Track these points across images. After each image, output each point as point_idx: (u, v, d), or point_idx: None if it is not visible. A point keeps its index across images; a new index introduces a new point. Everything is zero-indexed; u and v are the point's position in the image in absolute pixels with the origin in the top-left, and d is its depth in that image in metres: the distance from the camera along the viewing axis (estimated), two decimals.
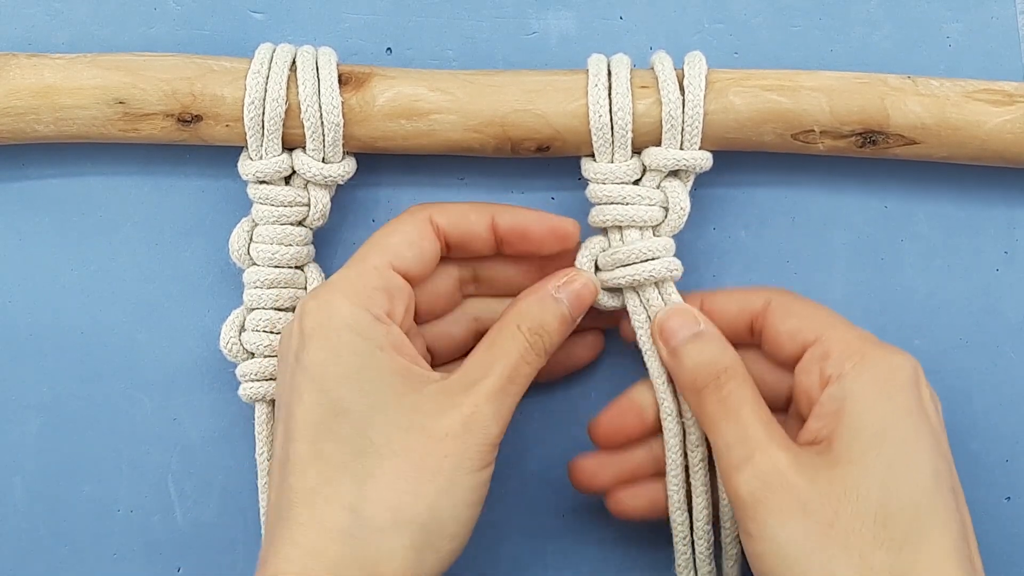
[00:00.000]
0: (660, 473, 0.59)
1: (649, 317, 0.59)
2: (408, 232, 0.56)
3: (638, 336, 0.59)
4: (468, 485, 0.53)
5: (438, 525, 0.52)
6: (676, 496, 0.59)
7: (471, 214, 0.58)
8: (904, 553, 0.51)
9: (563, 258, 0.59)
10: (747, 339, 0.59)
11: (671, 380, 0.58)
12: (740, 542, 0.59)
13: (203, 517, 0.62)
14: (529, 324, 0.56)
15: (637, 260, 0.58)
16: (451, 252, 0.58)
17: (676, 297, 0.59)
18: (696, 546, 0.59)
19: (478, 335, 0.59)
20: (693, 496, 0.59)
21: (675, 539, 0.59)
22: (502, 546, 0.63)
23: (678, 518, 0.59)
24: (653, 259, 0.58)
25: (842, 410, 0.53)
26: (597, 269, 0.59)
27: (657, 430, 0.59)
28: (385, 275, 0.55)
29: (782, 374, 0.58)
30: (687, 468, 0.59)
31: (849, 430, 0.53)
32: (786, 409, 0.59)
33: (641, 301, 0.59)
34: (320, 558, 0.50)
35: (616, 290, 0.59)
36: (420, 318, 0.59)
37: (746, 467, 0.53)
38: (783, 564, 0.51)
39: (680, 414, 0.59)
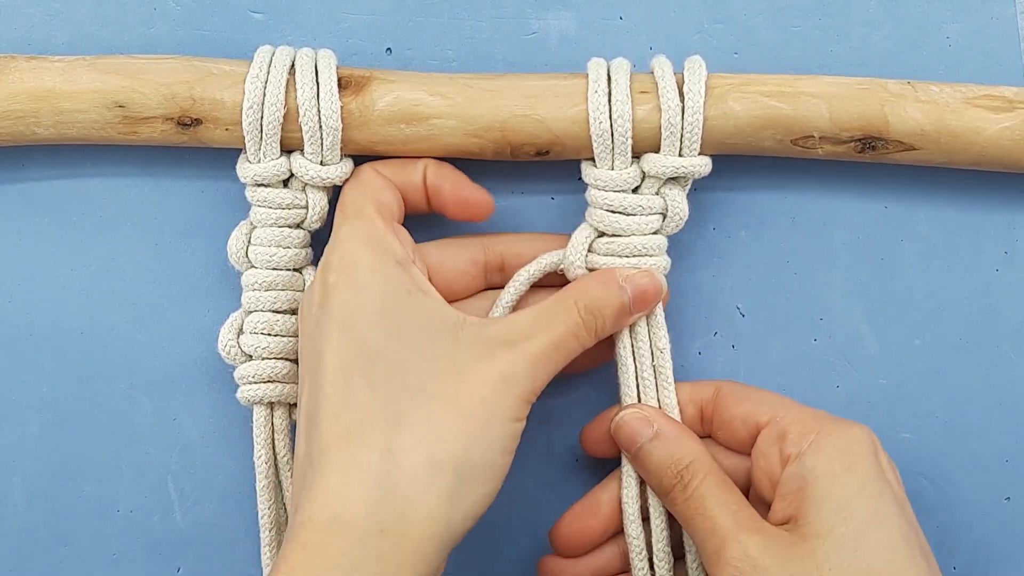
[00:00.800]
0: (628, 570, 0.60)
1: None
2: (374, 179, 0.57)
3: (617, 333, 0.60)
4: (501, 433, 0.53)
5: (471, 468, 0.52)
6: (630, 509, 0.59)
7: (408, 165, 0.59)
8: None
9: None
10: (698, 430, 0.59)
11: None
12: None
13: (203, 517, 0.63)
14: (587, 302, 0.56)
15: (630, 254, 0.59)
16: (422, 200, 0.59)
17: (659, 314, 0.60)
18: (656, 567, 0.59)
19: (488, 271, 0.60)
20: (652, 514, 0.59)
21: (631, 553, 0.59)
22: (502, 546, 0.63)
23: (633, 531, 0.59)
24: (647, 256, 0.59)
25: (805, 487, 0.54)
26: (590, 250, 0.59)
27: (620, 527, 0.60)
28: (388, 222, 0.56)
29: (738, 459, 0.59)
30: (652, 563, 0.60)
31: (814, 506, 0.53)
32: (747, 492, 0.59)
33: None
34: (353, 501, 0.50)
35: None
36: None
37: (720, 559, 0.53)
38: None
39: (645, 516, 0.59)
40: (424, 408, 0.52)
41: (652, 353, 0.59)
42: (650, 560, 0.59)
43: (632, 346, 0.59)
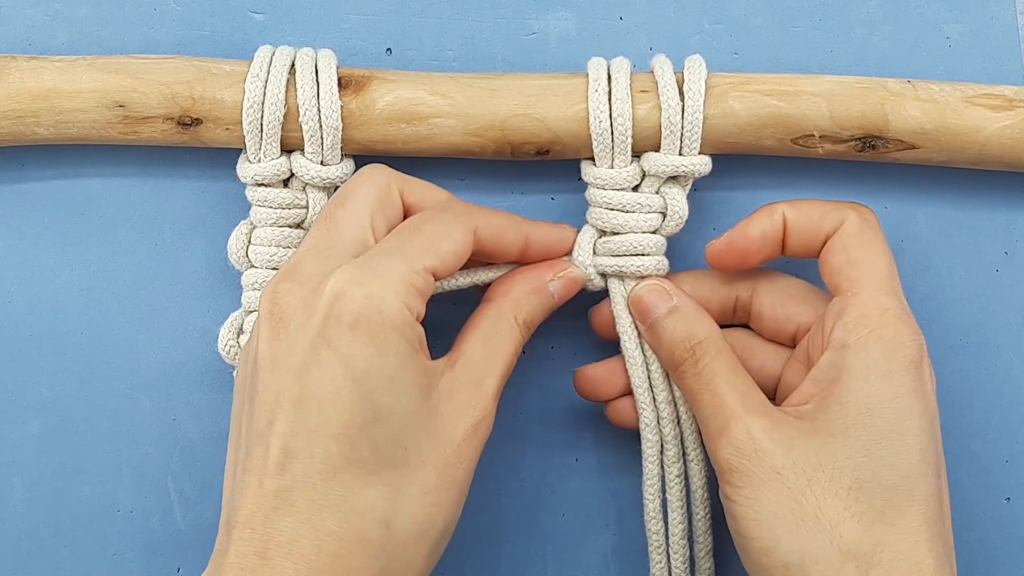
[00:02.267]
0: None
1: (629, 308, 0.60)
2: (457, 242, 0.54)
3: (617, 323, 0.60)
4: (467, 488, 0.53)
5: (449, 530, 0.52)
6: (651, 505, 0.59)
7: (509, 232, 0.57)
8: (875, 527, 0.51)
9: None
10: (816, 254, 0.59)
11: (651, 380, 0.59)
12: (713, 556, 0.60)
13: (203, 517, 0.63)
14: (525, 317, 0.56)
15: (628, 253, 0.59)
16: (477, 257, 0.57)
17: None
18: (671, 559, 0.60)
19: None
20: (668, 509, 0.60)
21: (650, 548, 0.59)
22: (502, 546, 0.63)
23: (653, 527, 0.59)
24: (643, 255, 0.59)
25: (837, 382, 0.54)
26: (594, 252, 0.59)
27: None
28: (428, 280, 0.52)
29: (771, 351, 0.60)
30: (663, 479, 0.60)
31: (838, 403, 0.53)
32: (793, 345, 0.59)
33: (624, 291, 0.59)
34: (349, 570, 0.49)
35: (604, 275, 0.60)
36: None
37: (722, 437, 0.53)
38: (756, 528, 0.52)
39: (658, 423, 0.59)
40: (419, 476, 0.51)
41: None
42: (661, 478, 0.60)
43: (640, 346, 0.59)
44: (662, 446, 0.59)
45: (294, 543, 0.48)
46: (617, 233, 0.59)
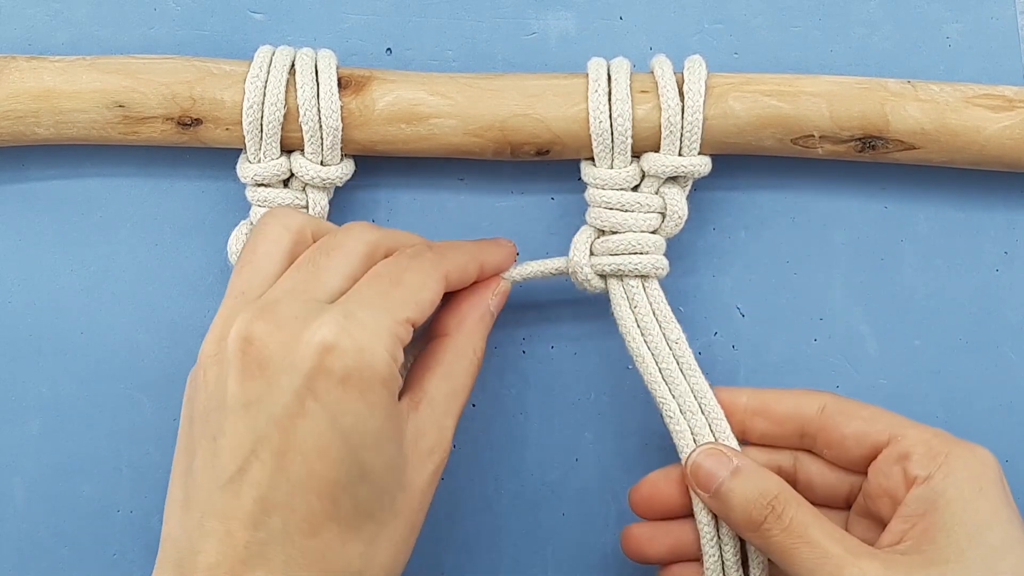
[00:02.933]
0: None
1: (631, 308, 0.59)
2: (433, 291, 0.53)
3: (619, 325, 0.59)
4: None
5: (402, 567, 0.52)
6: None
7: (469, 268, 0.56)
8: None
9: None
10: (796, 444, 0.58)
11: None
12: None
13: None
14: (475, 346, 0.56)
15: (626, 251, 0.59)
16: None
17: (664, 307, 0.59)
18: None
19: None
20: None
21: None
22: (502, 546, 0.63)
23: None
24: (642, 253, 0.59)
25: (934, 511, 0.52)
26: (592, 253, 0.59)
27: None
28: (408, 331, 0.51)
29: (841, 476, 0.57)
30: (723, 563, 0.58)
31: (944, 530, 0.52)
32: (847, 507, 0.58)
33: (624, 292, 0.59)
34: None
35: (603, 276, 0.60)
36: None
37: None
38: None
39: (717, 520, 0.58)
40: (392, 528, 0.51)
41: (669, 347, 0.59)
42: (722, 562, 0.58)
43: (647, 344, 0.59)
44: (717, 524, 0.57)
45: None
46: (616, 232, 0.59)
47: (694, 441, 0.58)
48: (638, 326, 0.59)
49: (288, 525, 0.48)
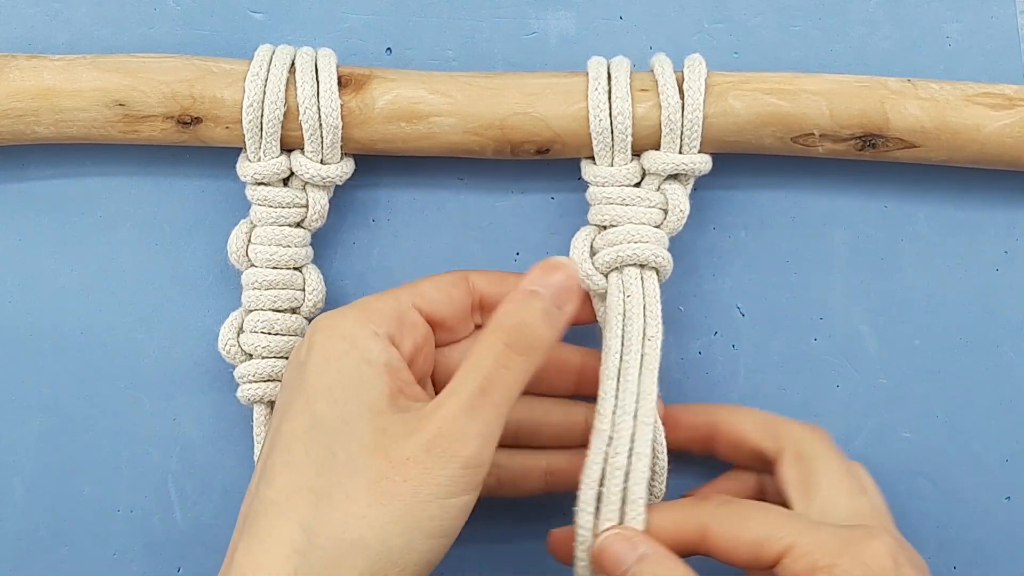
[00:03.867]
0: None
1: (623, 298, 0.58)
2: (440, 279, 0.56)
3: (607, 313, 0.58)
4: (429, 514, 0.49)
5: (388, 554, 0.49)
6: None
7: (509, 277, 0.57)
8: None
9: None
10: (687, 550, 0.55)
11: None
12: None
13: (203, 517, 0.63)
14: (506, 325, 0.52)
15: (626, 240, 0.58)
16: (487, 309, 0.57)
17: (655, 304, 0.58)
18: None
19: None
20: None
21: None
22: (502, 547, 0.63)
23: None
24: (642, 242, 0.58)
25: None
26: (593, 252, 0.59)
27: None
28: (403, 307, 0.53)
29: None
30: None
31: None
32: None
33: (621, 283, 0.58)
34: (272, 572, 0.49)
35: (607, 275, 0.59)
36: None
37: None
38: None
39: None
40: (348, 485, 0.49)
41: (642, 342, 0.58)
42: None
43: (622, 337, 0.58)
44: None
45: (235, 548, 0.51)
46: (617, 225, 0.59)
47: (605, 449, 0.55)
48: (623, 316, 0.58)
49: (262, 481, 0.51)
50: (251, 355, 0.59)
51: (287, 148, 0.59)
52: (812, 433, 0.58)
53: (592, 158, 0.59)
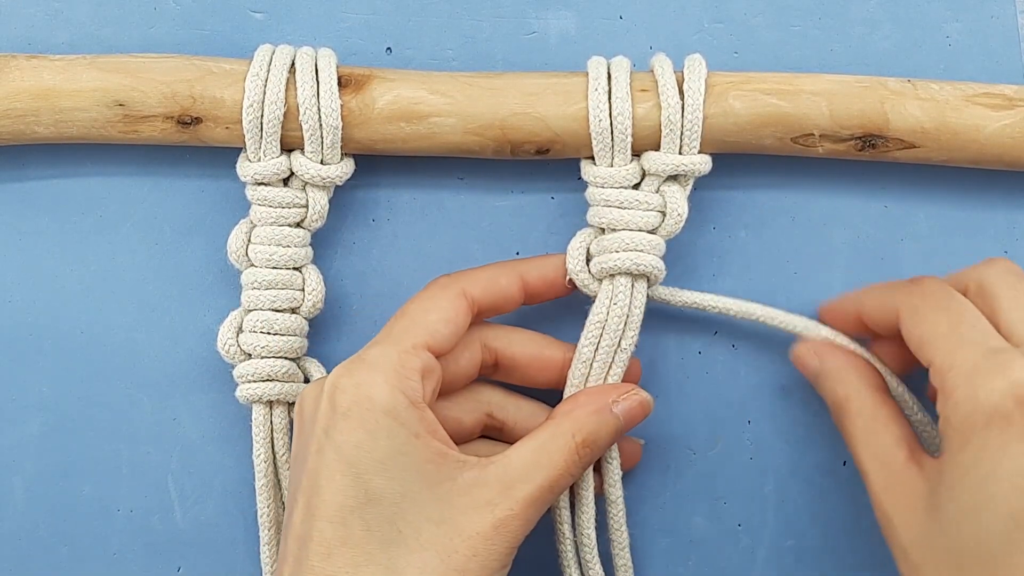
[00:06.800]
0: None
1: (608, 306, 0.58)
2: (445, 309, 0.56)
3: (589, 318, 0.59)
4: None
5: None
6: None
7: (501, 278, 0.58)
8: None
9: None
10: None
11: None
12: None
13: (203, 517, 0.63)
14: (584, 436, 0.55)
15: (621, 249, 0.58)
16: (482, 315, 0.58)
17: (638, 314, 0.59)
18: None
19: (485, 428, 0.59)
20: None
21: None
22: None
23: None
24: (637, 251, 0.58)
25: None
26: (589, 258, 0.59)
27: None
28: (422, 356, 0.54)
29: None
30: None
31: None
32: None
33: (611, 291, 0.59)
34: None
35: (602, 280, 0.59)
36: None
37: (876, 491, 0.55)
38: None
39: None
40: (418, 559, 0.51)
41: (614, 352, 0.59)
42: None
43: (598, 344, 0.59)
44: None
45: None
46: (615, 230, 0.59)
47: None
48: (603, 326, 0.59)
49: (309, 552, 0.51)
50: (250, 355, 0.59)
51: (287, 148, 0.59)
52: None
53: (592, 158, 0.59)
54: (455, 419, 0.59)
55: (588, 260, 0.59)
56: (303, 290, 0.60)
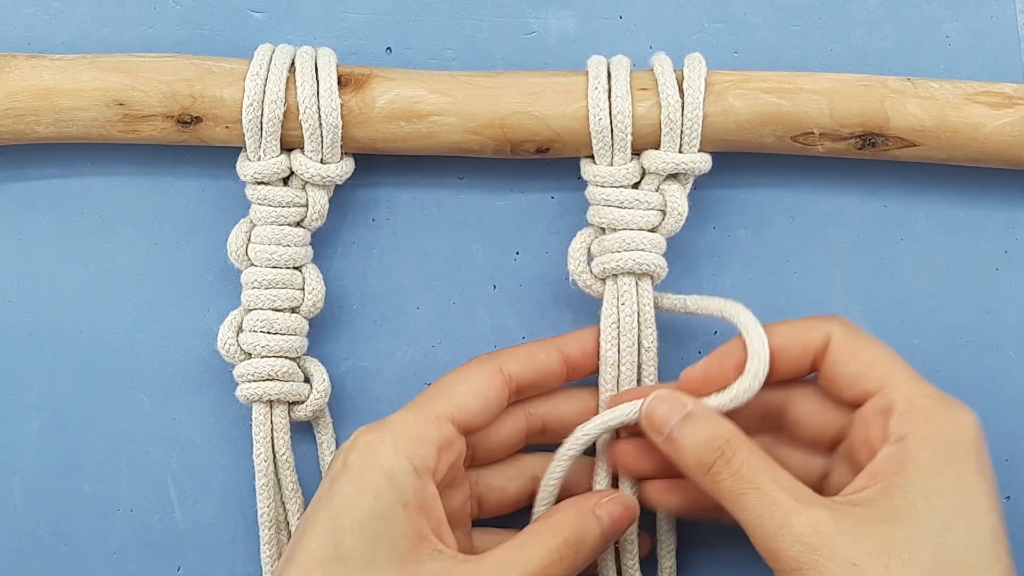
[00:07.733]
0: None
1: (617, 307, 0.59)
2: (476, 382, 0.56)
3: (601, 323, 0.59)
4: None
5: None
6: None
7: (540, 354, 0.58)
8: None
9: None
10: (805, 370, 0.57)
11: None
12: None
13: (203, 517, 0.62)
14: (564, 537, 0.54)
15: (622, 248, 0.58)
16: (524, 393, 0.58)
17: (650, 312, 0.59)
18: None
19: (532, 494, 0.59)
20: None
21: None
22: None
23: None
24: (638, 250, 0.58)
25: (900, 471, 0.52)
26: (591, 257, 0.59)
27: None
28: (443, 428, 0.54)
29: (831, 416, 0.57)
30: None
31: (904, 490, 0.51)
32: (833, 449, 0.58)
33: (616, 291, 0.59)
34: None
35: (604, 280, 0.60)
36: (478, 462, 0.58)
37: (784, 535, 0.51)
38: None
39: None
40: None
41: (639, 352, 0.59)
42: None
43: (618, 347, 0.59)
44: None
45: None
46: (615, 230, 0.59)
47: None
48: (618, 326, 0.59)
49: None
50: (250, 354, 0.59)
51: (287, 147, 0.59)
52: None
53: (592, 157, 0.59)
54: (499, 487, 0.59)
55: (589, 260, 0.59)
56: (303, 289, 0.60)
